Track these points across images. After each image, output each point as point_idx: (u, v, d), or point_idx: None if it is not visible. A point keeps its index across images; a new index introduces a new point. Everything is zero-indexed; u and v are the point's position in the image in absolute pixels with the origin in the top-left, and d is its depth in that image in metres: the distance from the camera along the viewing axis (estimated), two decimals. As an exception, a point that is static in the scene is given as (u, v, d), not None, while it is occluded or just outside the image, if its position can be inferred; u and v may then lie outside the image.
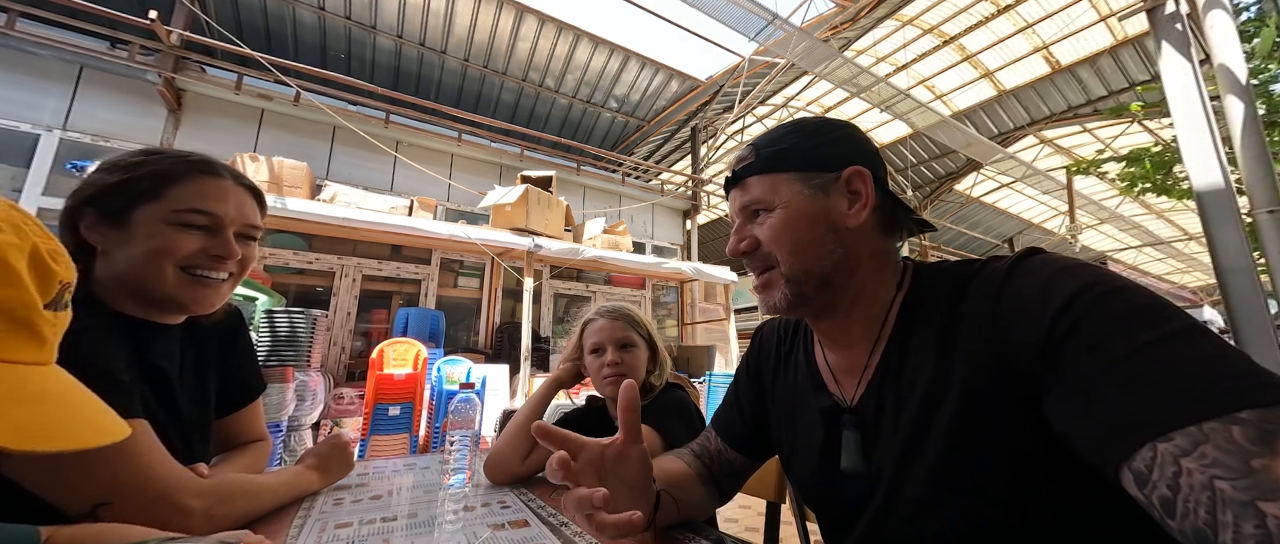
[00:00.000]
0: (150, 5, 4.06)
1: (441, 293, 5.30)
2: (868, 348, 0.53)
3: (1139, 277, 15.65)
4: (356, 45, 6.08)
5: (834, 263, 0.51)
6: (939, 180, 10.29)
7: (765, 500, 0.92)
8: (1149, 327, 0.35)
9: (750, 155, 0.56)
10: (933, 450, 0.45)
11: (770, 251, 0.53)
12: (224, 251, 0.66)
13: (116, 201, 0.63)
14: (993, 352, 0.42)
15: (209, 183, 0.67)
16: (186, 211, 0.64)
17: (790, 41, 5.12)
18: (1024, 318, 0.41)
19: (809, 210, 0.52)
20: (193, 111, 4.51)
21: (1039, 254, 0.45)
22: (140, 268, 0.62)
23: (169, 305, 0.66)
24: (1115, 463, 0.33)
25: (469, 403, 0.85)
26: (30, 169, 3.88)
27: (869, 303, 0.53)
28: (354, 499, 0.78)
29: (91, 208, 0.63)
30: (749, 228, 0.56)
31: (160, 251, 0.62)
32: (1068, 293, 0.39)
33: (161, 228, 0.62)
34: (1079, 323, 0.37)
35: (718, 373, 4.78)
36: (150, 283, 0.63)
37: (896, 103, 6.50)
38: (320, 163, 5.01)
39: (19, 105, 3.91)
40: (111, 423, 0.29)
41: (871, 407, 0.51)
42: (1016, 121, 8.59)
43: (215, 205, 0.66)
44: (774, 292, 0.54)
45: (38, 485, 0.49)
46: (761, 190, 0.54)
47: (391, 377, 3.49)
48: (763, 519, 0.94)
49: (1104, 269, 0.41)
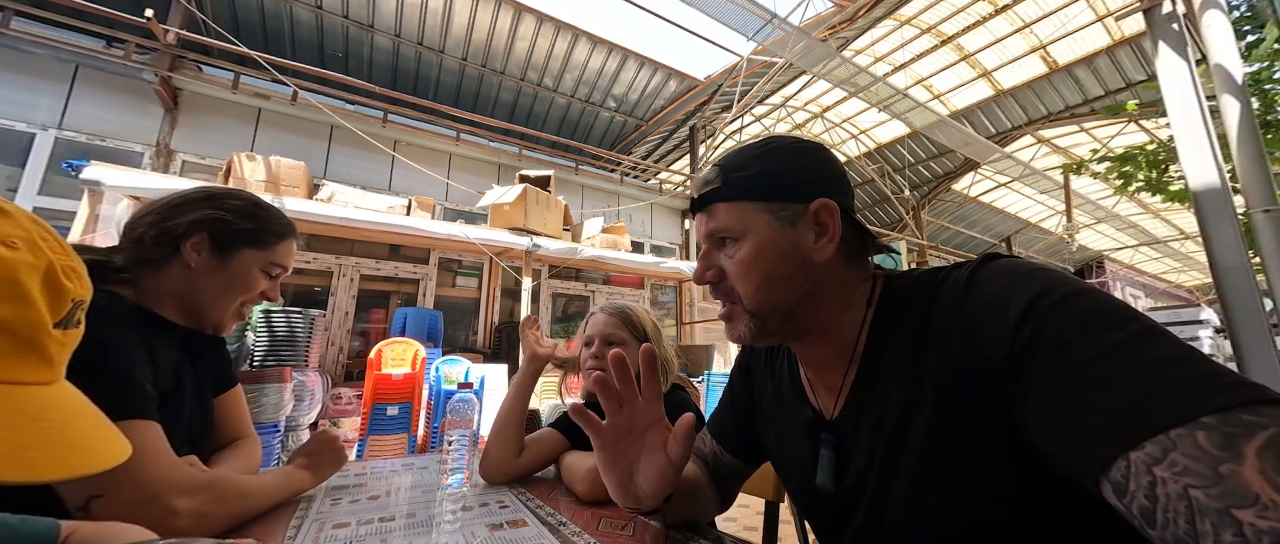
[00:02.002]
0: (147, 4, 4.04)
1: (440, 292, 5.29)
2: (842, 366, 0.52)
3: (1136, 276, 15.71)
4: (354, 44, 6.06)
5: (799, 297, 0.50)
6: (937, 180, 10.31)
7: (764, 499, 0.92)
8: (1109, 329, 0.34)
9: (717, 179, 0.53)
10: (911, 462, 0.45)
11: (733, 287, 0.52)
12: (273, 297, 0.81)
13: (232, 239, 0.75)
14: (962, 362, 0.42)
15: (292, 244, 0.82)
16: (276, 266, 0.79)
17: (789, 41, 5.12)
18: (988, 326, 0.41)
19: (777, 244, 0.50)
20: (189, 111, 4.49)
21: (997, 259, 0.45)
22: (215, 295, 0.74)
23: (207, 324, 0.76)
24: (1093, 475, 0.32)
25: (467, 403, 0.85)
26: (25, 169, 3.86)
27: (837, 327, 0.52)
28: (351, 500, 0.78)
29: (205, 232, 0.73)
30: (716, 255, 0.54)
31: (238, 288, 0.75)
32: (1028, 296, 0.39)
33: (254, 272, 0.76)
34: (1043, 326, 0.37)
35: (717, 372, 4.78)
36: (214, 309, 0.75)
37: (894, 102, 6.52)
38: (318, 162, 4.99)
39: (14, 104, 3.88)
40: (105, 446, 0.29)
41: (849, 424, 0.51)
42: (1014, 121, 8.62)
43: (289, 262, 0.82)
44: (738, 324, 0.53)
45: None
46: (729, 219, 0.52)
47: (390, 376, 3.49)
48: (761, 518, 0.94)
49: (1060, 272, 0.41)
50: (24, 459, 0.25)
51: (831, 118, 9.24)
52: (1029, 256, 13.58)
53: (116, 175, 2.99)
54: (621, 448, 0.56)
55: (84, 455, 0.27)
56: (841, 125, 9.41)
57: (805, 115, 9.21)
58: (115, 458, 0.28)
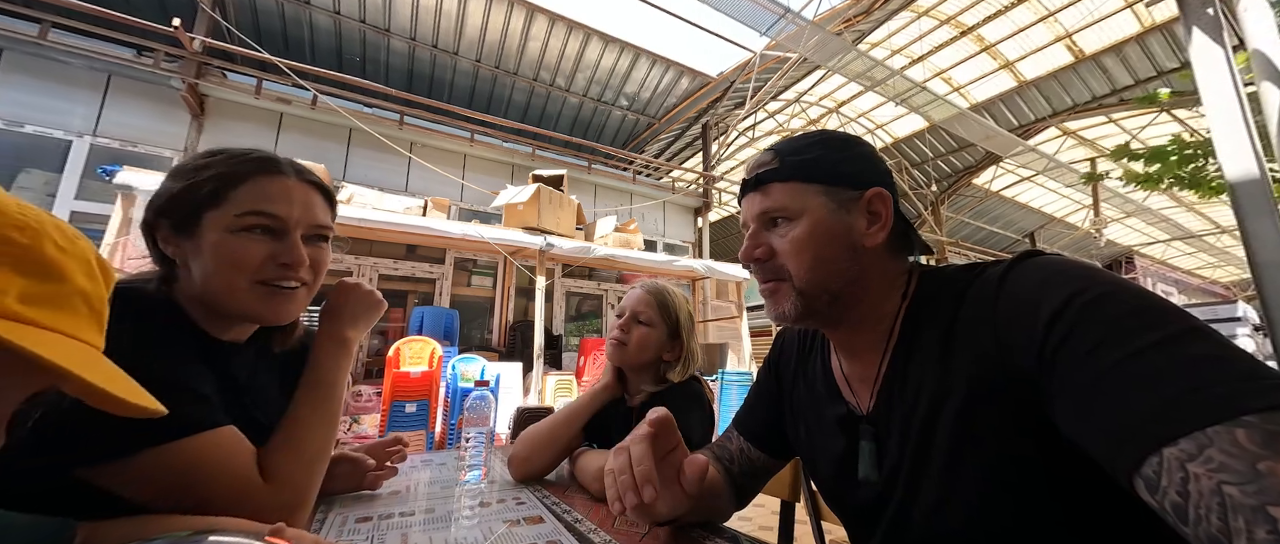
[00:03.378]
0: (174, 13, 4.18)
1: (455, 292, 5.37)
2: (876, 357, 0.53)
3: (1168, 272, 15.13)
4: (371, 48, 6.17)
5: (846, 281, 0.52)
6: (957, 174, 10.08)
7: (779, 500, 0.92)
8: (1148, 329, 0.34)
9: (773, 160, 0.55)
10: (941, 454, 0.45)
11: (784, 264, 0.53)
12: (290, 258, 0.60)
13: (183, 210, 0.58)
14: (992, 357, 0.42)
15: (270, 182, 0.61)
16: (247, 214, 0.58)
17: (802, 36, 5.06)
18: (1020, 323, 0.41)
19: (831, 226, 0.51)
20: (215, 116, 4.63)
21: (1035, 256, 0.45)
22: (212, 282, 0.58)
23: (244, 320, 0.62)
24: (1125, 470, 0.32)
25: (484, 400, 0.86)
26: (62, 174, 4.03)
27: (876, 316, 0.53)
28: (372, 494, 0.80)
29: (164, 219, 0.59)
30: (765, 235, 0.54)
31: (228, 263, 0.57)
32: (1062, 296, 0.38)
33: (226, 237, 0.57)
34: (1075, 327, 0.37)
35: (731, 371, 4.75)
36: (223, 298, 0.59)
37: (912, 96, 6.39)
38: (337, 164, 5.10)
39: (51, 113, 4.05)
40: (151, 398, 0.34)
41: (883, 415, 0.52)
42: (1038, 113, 8.37)
43: (277, 207, 0.60)
44: (783, 301, 0.53)
45: (136, 491, 0.49)
46: (786, 198, 0.53)
47: (408, 374, 3.55)
48: (776, 518, 0.93)
49: (1100, 270, 0.41)
50: (130, 386, 0.32)
51: (847, 113, 9.10)
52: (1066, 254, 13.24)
53: (147, 180, 3.10)
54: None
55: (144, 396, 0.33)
56: (857, 120, 9.26)
57: (820, 110, 9.09)
58: (156, 407, 0.33)
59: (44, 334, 0.28)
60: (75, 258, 0.31)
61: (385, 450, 0.88)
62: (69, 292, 0.30)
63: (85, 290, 0.31)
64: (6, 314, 0.27)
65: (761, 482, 0.75)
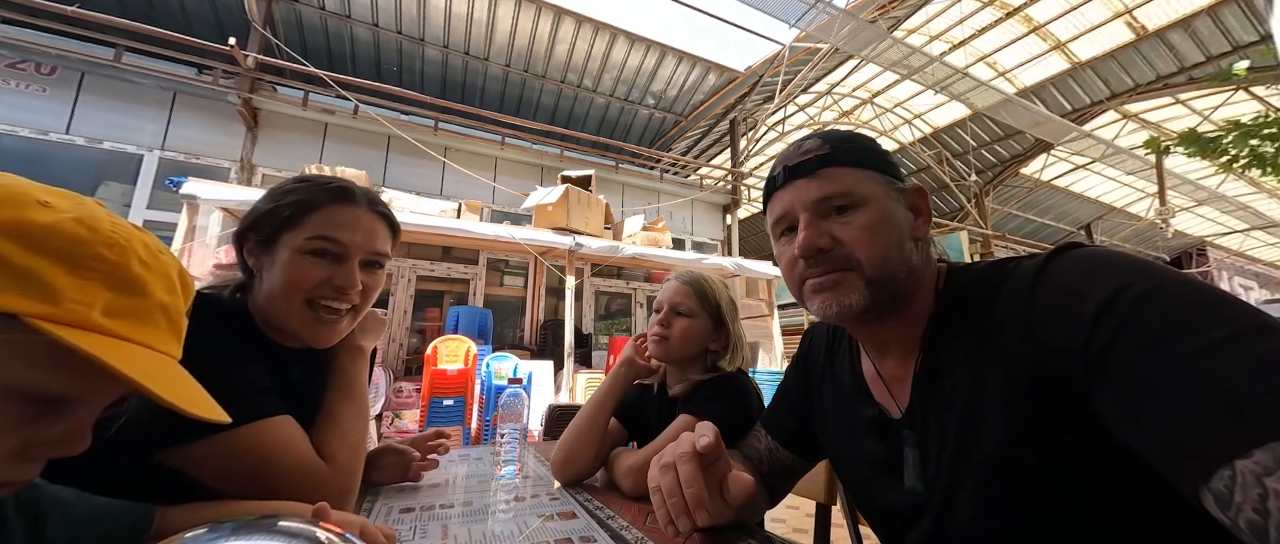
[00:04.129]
0: (229, 32, 4.48)
1: (489, 292, 5.51)
2: (907, 357, 0.51)
3: (1246, 264, 13.81)
4: (407, 58, 6.41)
5: (908, 272, 0.50)
6: (1003, 164, 9.54)
7: (815, 502, 0.90)
8: (1211, 325, 0.31)
9: (822, 146, 0.52)
10: (980, 461, 0.43)
11: (851, 253, 0.49)
12: (345, 282, 0.65)
13: (267, 228, 0.65)
14: (1030, 357, 0.40)
15: (341, 210, 0.67)
16: (315, 239, 0.64)
17: (834, 25, 4.91)
18: (1061, 320, 0.38)
19: (895, 215, 0.51)
20: (267, 128, 4.93)
21: (1075, 249, 0.42)
22: (274, 295, 0.64)
23: (293, 337, 0.68)
24: (1190, 482, 0.29)
25: (517, 398, 0.88)
26: (136, 186, 4.39)
27: (914, 311, 0.52)
28: (413, 487, 0.84)
29: (252, 233, 0.66)
30: (825, 224, 0.50)
31: (291, 282, 0.63)
32: (1109, 289, 0.35)
33: (294, 256, 0.64)
34: (1127, 322, 0.34)
35: (762, 370, 4.68)
36: (279, 313, 0.65)
37: (953, 82, 6.09)
38: (377, 170, 5.33)
39: (126, 130, 4.42)
40: (219, 408, 0.36)
41: (919, 419, 0.49)
42: (1094, 96, 7.81)
43: (342, 233, 0.66)
44: (849, 292, 0.49)
45: (210, 474, 0.55)
46: (851, 182, 0.50)
47: (445, 372, 3.68)
48: (811, 521, 0.91)
49: (1149, 262, 0.37)
50: (204, 400, 0.35)
51: (882, 103, 8.77)
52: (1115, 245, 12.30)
53: (209, 189, 3.33)
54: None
55: (205, 406, 0.35)
56: (893, 110, 8.91)
57: (853, 102, 8.80)
58: (222, 416, 0.36)
59: (123, 345, 0.30)
60: (157, 273, 0.33)
61: (427, 444, 0.91)
62: (150, 306, 0.33)
63: (165, 303, 0.34)
64: (91, 327, 0.29)
65: (792, 481, 0.73)
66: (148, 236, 0.35)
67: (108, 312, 0.30)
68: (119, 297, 0.31)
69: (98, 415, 0.33)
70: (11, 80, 4.13)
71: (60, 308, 0.28)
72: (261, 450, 0.57)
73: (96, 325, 0.29)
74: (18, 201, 0.29)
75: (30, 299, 0.27)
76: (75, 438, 0.32)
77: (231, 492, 0.55)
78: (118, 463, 0.48)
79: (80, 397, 0.31)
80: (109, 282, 0.30)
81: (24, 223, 0.28)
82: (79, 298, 0.29)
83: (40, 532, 0.38)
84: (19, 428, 0.29)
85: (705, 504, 0.50)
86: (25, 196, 0.29)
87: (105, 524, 0.43)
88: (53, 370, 0.29)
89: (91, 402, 0.32)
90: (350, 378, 0.72)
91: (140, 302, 0.32)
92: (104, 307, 0.30)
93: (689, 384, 0.92)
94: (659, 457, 0.55)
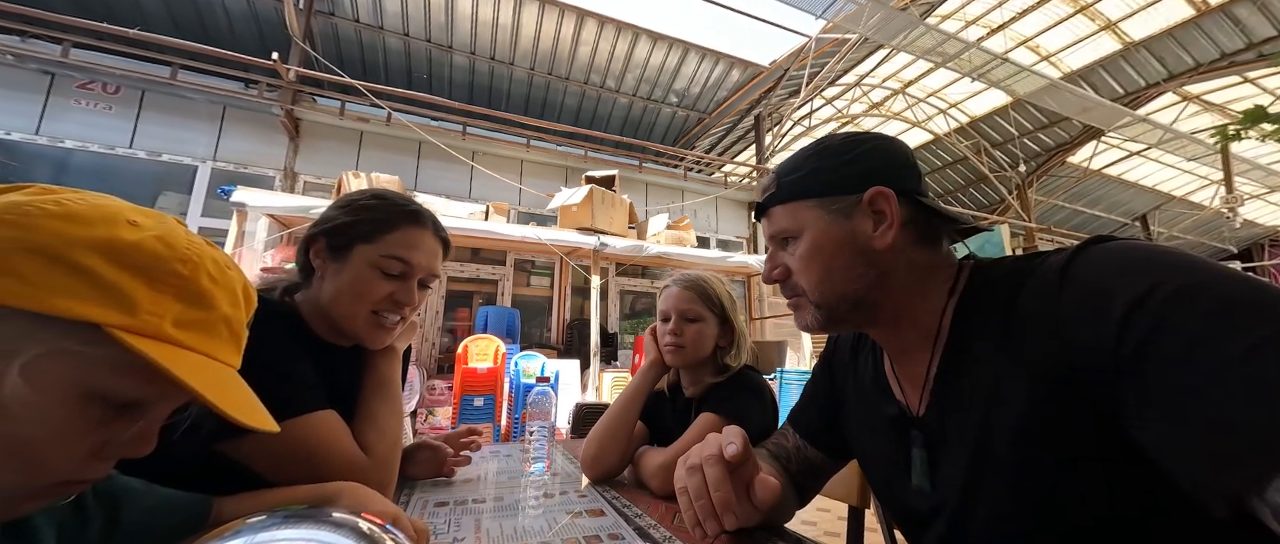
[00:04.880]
0: (272, 47, 4.72)
1: (516, 292, 5.62)
2: (926, 357, 0.50)
3: (1330, 256, 12.62)
4: (436, 65, 6.60)
5: (866, 284, 0.51)
6: (1048, 153, 9.02)
7: (847, 505, 0.88)
8: (1256, 323, 0.29)
9: (772, 184, 0.56)
10: (999, 465, 0.42)
11: (798, 282, 0.54)
12: (407, 300, 0.72)
13: (342, 238, 0.71)
14: (1056, 358, 0.38)
15: (413, 232, 0.73)
16: (388, 257, 0.70)
17: (862, 14, 4.76)
18: (1088, 317, 0.36)
19: (833, 236, 0.51)
20: (308, 137, 5.18)
21: (1104, 243, 0.39)
22: (341, 301, 0.69)
23: (351, 339, 0.73)
24: (1238, 491, 0.27)
25: (545, 396, 0.90)
26: (191, 195, 4.69)
27: (917, 314, 0.50)
28: (448, 481, 0.86)
29: (324, 238, 0.71)
30: (780, 256, 0.56)
31: (360, 293, 0.69)
32: (1142, 285, 0.33)
33: (367, 270, 0.69)
34: (1163, 321, 0.32)
35: (790, 370, 4.60)
36: (344, 317, 0.70)
37: (992, 68, 5.81)
38: (409, 175, 5.51)
39: (182, 142, 4.74)
40: (270, 418, 0.38)
41: (936, 421, 0.49)
42: (1150, 77, 7.28)
43: (411, 253, 0.72)
44: (805, 313, 0.55)
45: (262, 464, 0.59)
46: (785, 220, 0.54)
47: (475, 370, 3.78)
48: (843, 524, 0.89)
49: (1187, 254, 0.34)
50: (257, 409, 0.37)
51: (915, 93, 8.44)
52: (1174, 236, 11.45)
53: (256, 197, 3.53)
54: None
55: (257, 416, 0.37)
56: (926, 100, 8.57)
57: (883, 93, 8.51)
58: (272, 425, 0.37)
59: (188, 355, 0.33)
60: (223, 287, 0.36)
61: (460, 441, 0.94)
62: (216, 318, 0.35)
63: (228, 316, 0.36)
64: (162, 337, 0.31)
65: (821, 481, 0.72)
66: (218, 253, 0.37)
67: (177, 323, 0.32)
68: (188, 309, 0.33)
69: (165, 420, 0.36)
70: (82, 100, 4.48)
71: (136, 319, 0.30)
72: (308, 443, 0.61)
73: (167, 336, 0.32)
74: (111, 220, 0.31)
75: (111, 310, 0.30)
76: (144, 440, 0.34)
77: (282, 481, 0.59)
78: (182, 454, 0.52)
79: (151, 401, 0.33)
80: (180, 295, 0.33)
81: (115, 240, 0.31)
82: (153, 310, 0.31)
83: (116, 517, 0.42)
84: (98, 429, 0.31)
85: (733, 508, 0.51)
86: (117, 216, 0.32)
87: (171, 514, 0.47)
88: (129, 377, 0.31)
89: (161, 406, 0.35)
90: (385, 377, 0.76)
91: (207, 314, 0.34)
92: (174, 318, 0.32)
93: (704, 385, 0.95)
94: (685, 458, 0.55)
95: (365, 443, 0.67)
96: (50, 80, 4.39)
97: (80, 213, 0.30)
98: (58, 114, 4.39)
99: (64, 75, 4.40)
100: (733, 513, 0.51)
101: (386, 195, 0.76)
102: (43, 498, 0.32)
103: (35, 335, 0.28)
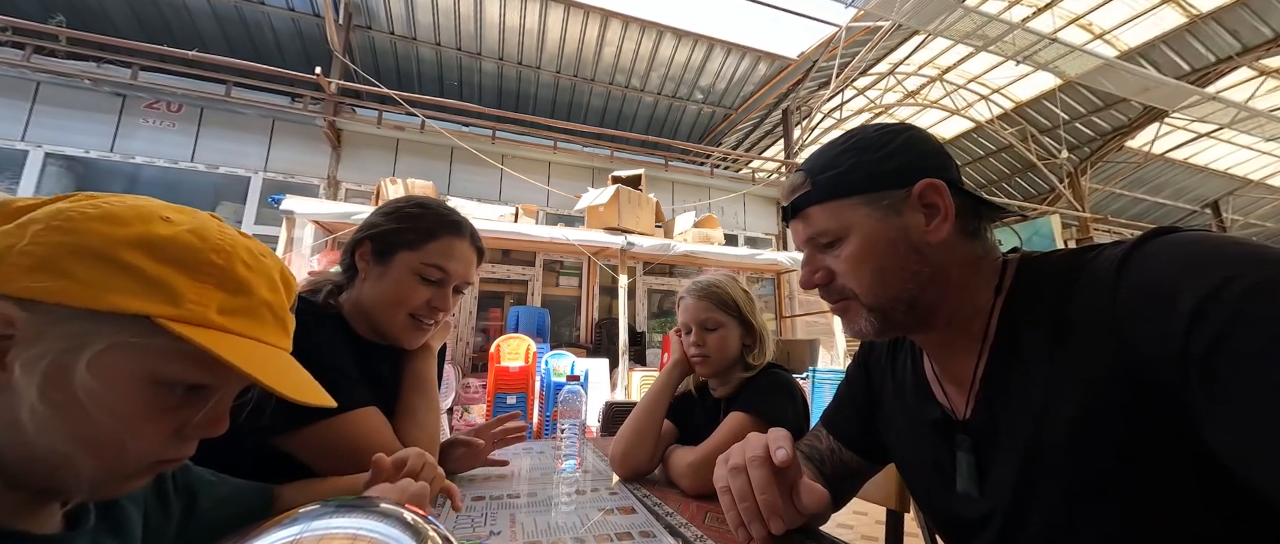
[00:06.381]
0: (315, 62, 4.99)
1: (545, 292, 5.72)
2: (971, 358, 0.48)
3: None
4: (466, 72, 6.79)
5: (921, 284, 0.47)
6: (1103, 138, 8.43)
7: (885, 508, 0.85)
8: None
9: (805, 182, 0.52)
10: (1052, 470, 0.40)
11: (845, 285, 0.50)
12: (443, 305, 0.77)
13: (387, 244, 0.75)
14: (1112, 363, 0.35)
15: (454, 242, 0.77)
16: (429, 265, 0.74)
17: (894, 1, 4.58)
18: (1149, 317, 0.33)
19: (885, 235, 0.48)
20: (348, 146, 5.44)
21: (1166, 235, 0.36)
22: (382, 304, 0.74)
23: (388, 339, 0.78)
24: None
25: (576, 394, 0.91)
26: (246, 204, 5.02)
27: (966, 312, 0.48)
28: (484, 477, 0.89)
29: (370, 242, 0.76)
30: (821, 259, 0.52)
31: (400, 297, 0.73)
32: (1211, 283, 0.31)
33: (407, 275, 0.74)
34: (1240, 317, 0.29)
35: (822, 369, 4.49)
36: (384, 319, 0.75)
37: (1038, 50, 5.47)
38: (442, 180, 5.70)
39: (236, 155, 5.07)
40: (325, 395, 0.40)
41: (984, 424, 0.46)
42: (1220, 52, 6.68)
43: (450, 263, 0.76)
44: (856, 319, 0.51)
45: (313, 456, 0.64)
46: (826, 221, 0.50)
47: (507, 369, 3.87)
48: (881, 528, 0.87)
49: (1262, 246, 0.31)
50: (311, 387, 0.39)
51: (953, 79, 8.05)
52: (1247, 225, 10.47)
53: (303, 204, 3.73)
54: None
55: (322, 394, 0.39)
56: (966, 87, 8.16)
57: (919, 80, 8.16)
58: (330, 402, 0.39)
59: (239, 340, 0.35)
60: (260, 274, 0.38)
61: (491, 433, 0.97)
62: (257, 303, 0.37)
63: (269, 301, 0.38)
64: (210, 324, 0.33)
65: (856, 484, 0.71)
66: (251, 242, 0.39)
67: (222, 310, 0.34)
68: (231, 297, 0.35)
69: (233, 400, 0.39)
70: (150, 119, 4.87)
71: (182, 308, 0.32)
72: (354, 437, 0.65)
73: (213, 323, 0.34)
74: (146, 218, 0.34)
75: (158, 302, 0.32)
76: (217, 419, 0.37)
77: (330, 472, 0.63)
78: (246, 440, 0.56)
79: (214, 385, 0.36)
80: (222, 284, 0.35)
81: (152, 236, 0.33)
82: (197, 299, 0.33)
83: (194, 504, 0.47)
84: (173, 413, 0.34)
85: (780, 512, 0.50)
86: (152, 213, 0.34)
87: (240, 503, 0.51)
88: (185, 363, 0.33)
89: (225, 389, 0.37)
90: (422, 375, 0.81)
91: (248, 300, 0.36)
92: (219, 306, 0.34)
93: (733, 385, 0.95)
94: (725, 456, 0.55)
95: (405, 437, 0.71)
96: (122, 101, 4.79)
97: (118, 213, 0.33)
98: (129, 132, 4.78)
99: (134, 96, 4.79)
100: (780, 517, 0.50)
101: (430, 204, 0.79)
102: (140, 478, 0.35)
103: (95, 332, 0.31)
